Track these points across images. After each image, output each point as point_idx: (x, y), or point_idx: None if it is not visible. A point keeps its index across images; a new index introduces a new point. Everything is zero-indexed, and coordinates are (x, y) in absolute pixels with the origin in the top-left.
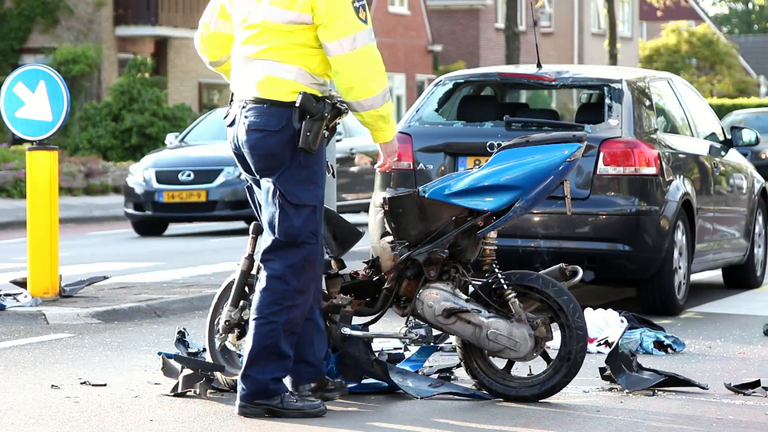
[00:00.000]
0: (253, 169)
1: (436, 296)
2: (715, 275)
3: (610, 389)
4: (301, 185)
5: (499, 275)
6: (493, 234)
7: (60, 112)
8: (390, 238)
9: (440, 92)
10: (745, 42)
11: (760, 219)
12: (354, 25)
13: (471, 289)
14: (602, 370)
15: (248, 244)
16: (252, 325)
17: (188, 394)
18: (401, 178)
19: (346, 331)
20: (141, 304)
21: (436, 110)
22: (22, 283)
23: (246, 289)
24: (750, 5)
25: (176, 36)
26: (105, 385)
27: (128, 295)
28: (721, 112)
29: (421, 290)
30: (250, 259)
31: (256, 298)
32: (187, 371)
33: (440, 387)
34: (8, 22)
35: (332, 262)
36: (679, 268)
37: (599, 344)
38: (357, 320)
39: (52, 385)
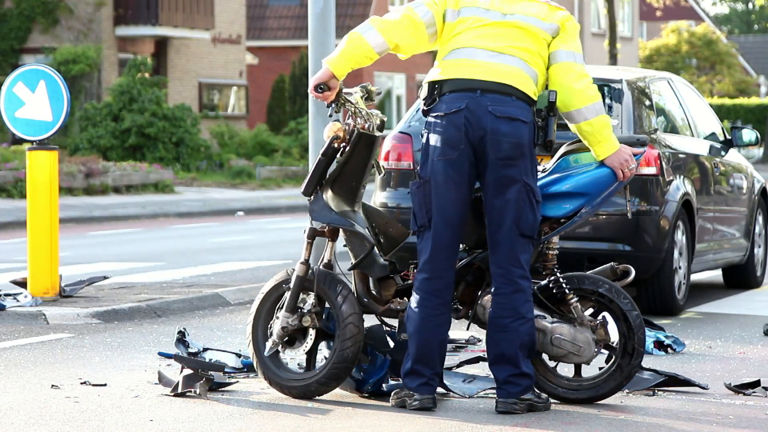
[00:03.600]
0: (494, 157)
1: None
2: (715, 275)
3: None
4: (535, 180)
5: (561, 279)
6: (555, 238)
7: (60, 112)
8: None
9: None
10: (745, 42)
11: (760, 219)
12: (581, 46)
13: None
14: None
15: (304, 249)
16: (506, 326)
17: (188, 394)
18: (401, 178)
19: (404, 336)
20: (141, 304)
21: None
22: (22, 283)
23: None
24: (750, 5)
25: (176, 36)
26: (105, 385)
27: (128, 295)
28: (721, 112)
29: (482, 295)
30: (307, 264)
31: (504, 300)
32: (187, 371)
33: (474, 383)
34: (8, 22)
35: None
36: (679, 268)
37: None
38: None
39: (52, 385)
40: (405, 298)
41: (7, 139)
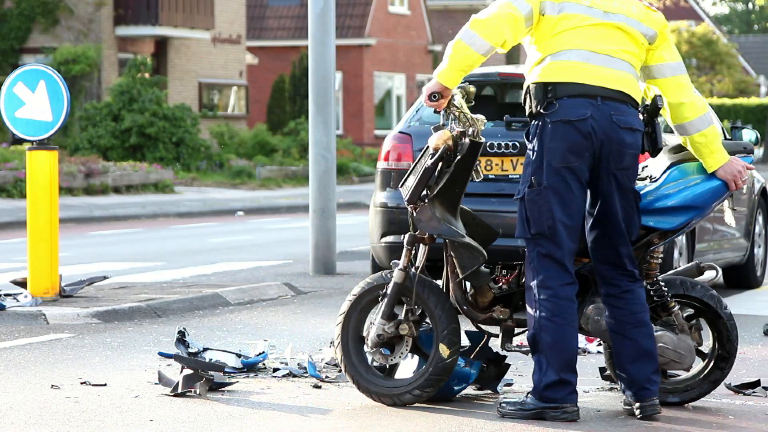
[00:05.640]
0: (615, 167)
1: (603, 311)
2: None
3: (610, 389)
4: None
5: (664, 287)
6: (660, 247)
7: (60, 112)
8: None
9: None
10: (745, 42)
11: (760, 219)
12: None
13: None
14: (602, 370)
15: (403, 255)
16: (639, 321)
17: (188, 394)
18: (401, 178)
19: (509, 347)
20: (141, 304)
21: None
22: (22, 283)
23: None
24: (750, 5)
25: (176, 36)
26: (105, 385)
27: (128, 295)
28: (721, 112)
29: (586, 305)
30: (406, 271)
31: (636, 305)
32: (187, 371)
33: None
34: (8, 22)
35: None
36: (679, 267)
37: (599, 344)
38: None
39: (52, 385)
40: (504, 306)
41: (7, 139)
